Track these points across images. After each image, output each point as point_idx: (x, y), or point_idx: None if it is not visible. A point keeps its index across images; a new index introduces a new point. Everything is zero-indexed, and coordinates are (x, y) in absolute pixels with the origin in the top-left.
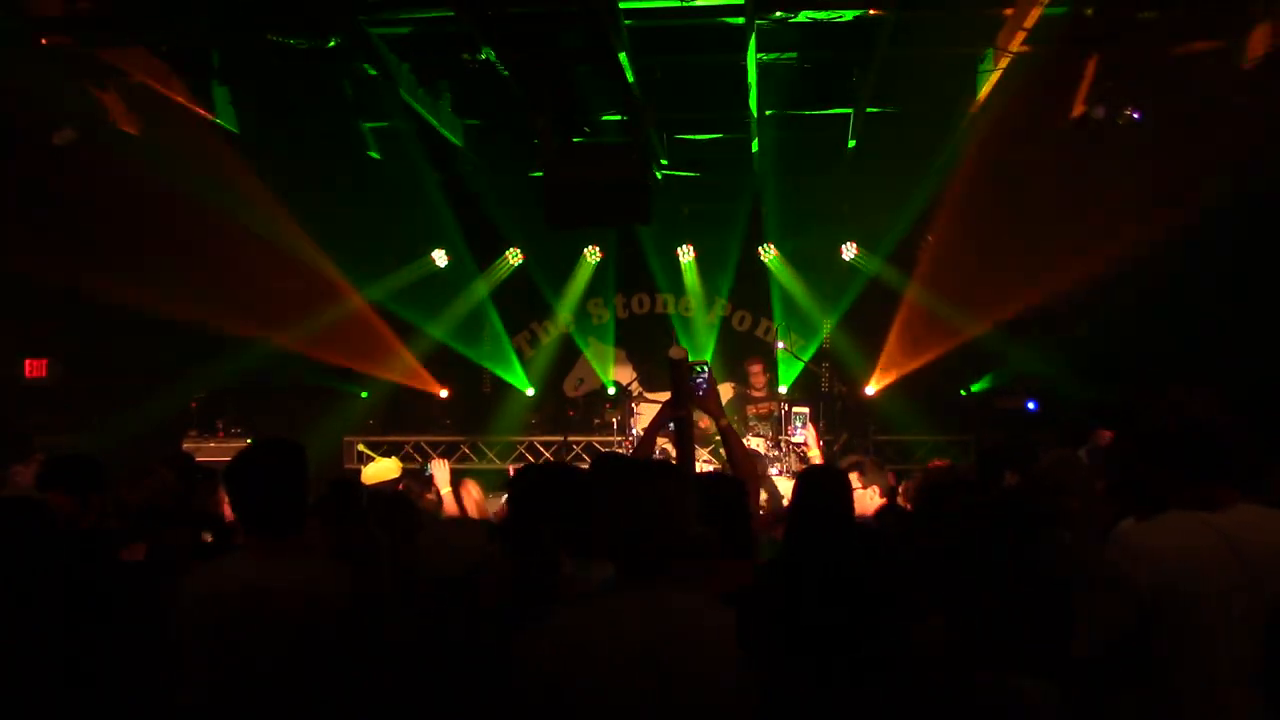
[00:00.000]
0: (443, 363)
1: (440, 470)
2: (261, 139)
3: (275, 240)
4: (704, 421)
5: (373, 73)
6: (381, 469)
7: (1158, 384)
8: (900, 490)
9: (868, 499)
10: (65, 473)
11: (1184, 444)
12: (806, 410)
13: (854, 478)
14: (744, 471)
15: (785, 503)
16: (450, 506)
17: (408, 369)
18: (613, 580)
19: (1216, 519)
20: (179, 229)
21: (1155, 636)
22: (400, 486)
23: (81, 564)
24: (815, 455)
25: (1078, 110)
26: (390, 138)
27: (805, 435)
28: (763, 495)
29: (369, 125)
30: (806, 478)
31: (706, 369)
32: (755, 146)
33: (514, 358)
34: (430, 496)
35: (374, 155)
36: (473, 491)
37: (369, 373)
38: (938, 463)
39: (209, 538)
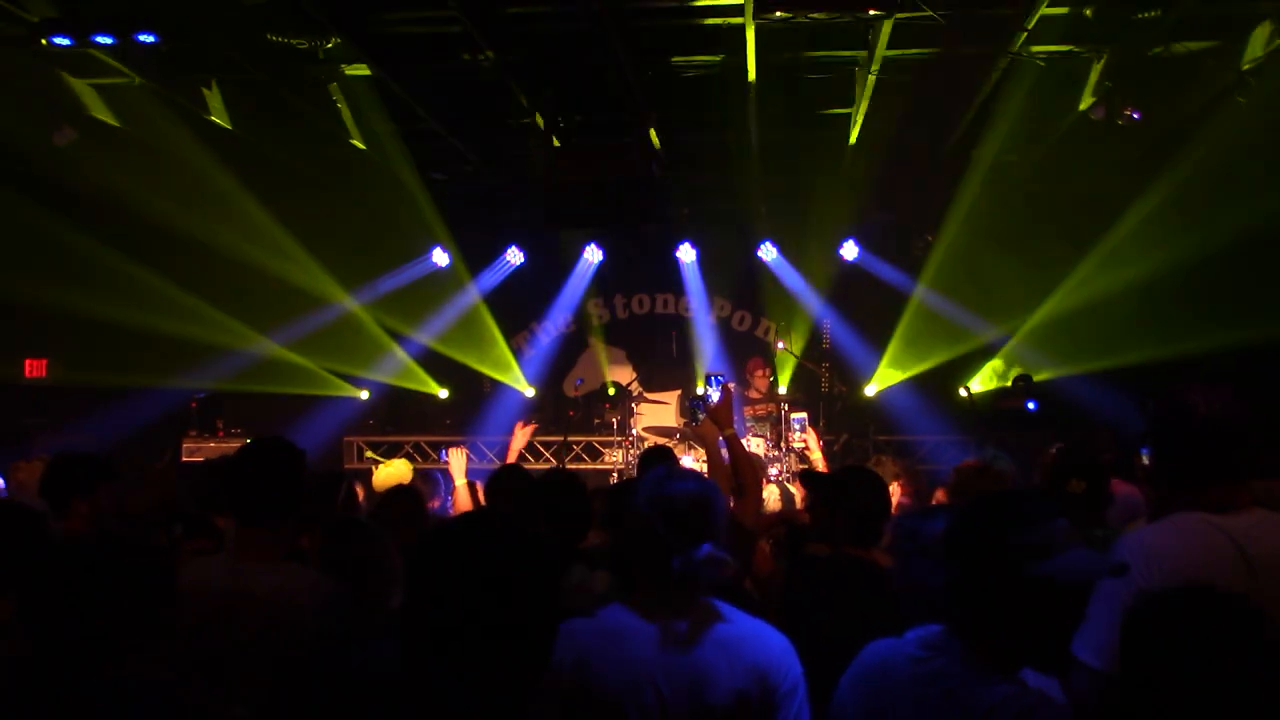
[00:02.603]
0: (442, 363)
1: (457, 460)
2: (260, 140)
3: (276, 241)
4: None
5: (373, 73)
6: (392, 472)
7: (1170, 387)
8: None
9: None
10: (66, 476)
11: (1197, 445)
12: (805, 415)
13: None
14: (746, 478)
15: (798, 504)
16: (464, 499)
17: (407, 369)
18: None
19: (1227, 522)
20: (177, 231)
21: None
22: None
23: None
24: (817, 458)
25: (1080, 110)
26: (391, 138)
27: (806, 439)
28: (770, 498)
29: (370, 125)
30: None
31: (722, 379)
32: (756, 145)
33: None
34: (434, 504)
35: (374, 155)
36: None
37: (368, 373)
38: (970, 463)
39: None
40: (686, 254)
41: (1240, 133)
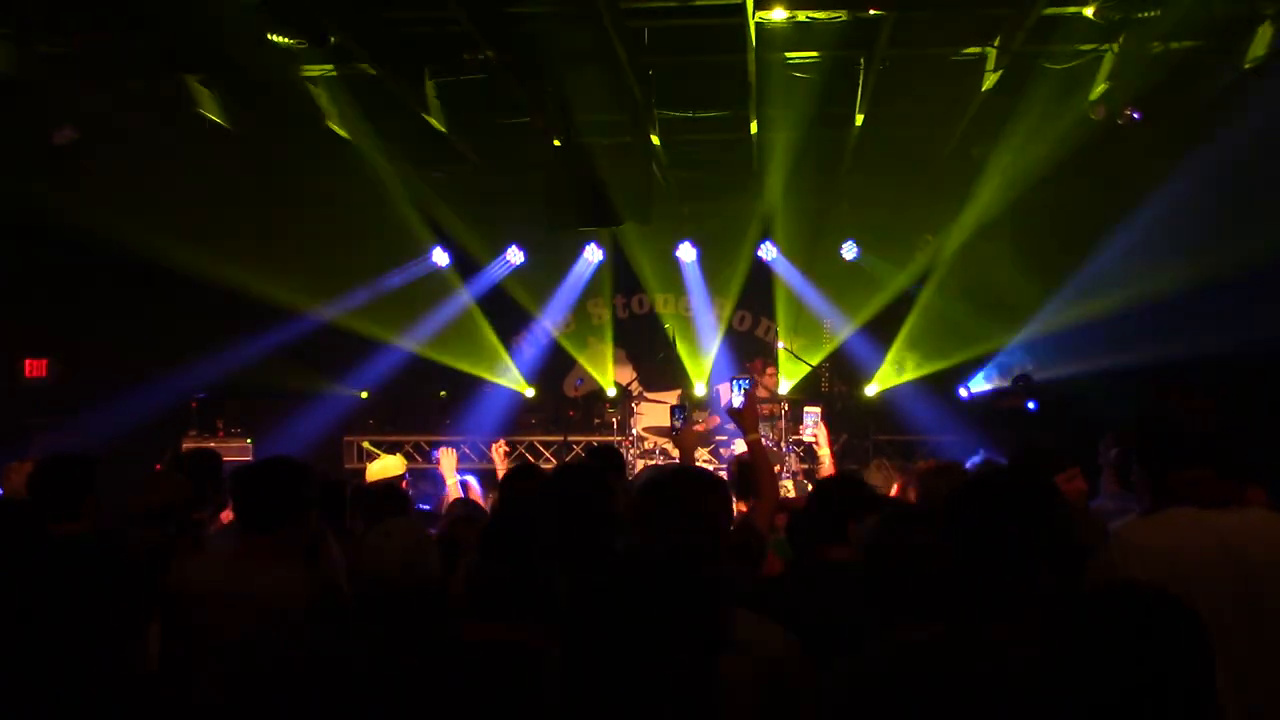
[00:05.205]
0: (441, 363)
1: (448, 459)
2: (257, 141)
3: (277, 243)
4: (700, 425)
5: (373, 72)
6: (385, 466)
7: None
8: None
9: None
10: (56, 475)
11: (1174, 430)
12: (818, 409)
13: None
14: (763, 482)
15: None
16: (456, 496)
17: (406, 369)
18: None
19: (1218, 519)
20: (175, 231)
21: None
22: (404, 485)
23: (70, 566)
24: (825, 454)
25: (1080, 110)
26: (390, 138)
27: (816, 434)
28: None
29: (369, 126)
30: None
31: (748, 383)
32: (755, 146)
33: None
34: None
35: (372, 155)
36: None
37: (368, 374)
38: (926, 464)
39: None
40: (686, 254)
41: (1245, 132)
